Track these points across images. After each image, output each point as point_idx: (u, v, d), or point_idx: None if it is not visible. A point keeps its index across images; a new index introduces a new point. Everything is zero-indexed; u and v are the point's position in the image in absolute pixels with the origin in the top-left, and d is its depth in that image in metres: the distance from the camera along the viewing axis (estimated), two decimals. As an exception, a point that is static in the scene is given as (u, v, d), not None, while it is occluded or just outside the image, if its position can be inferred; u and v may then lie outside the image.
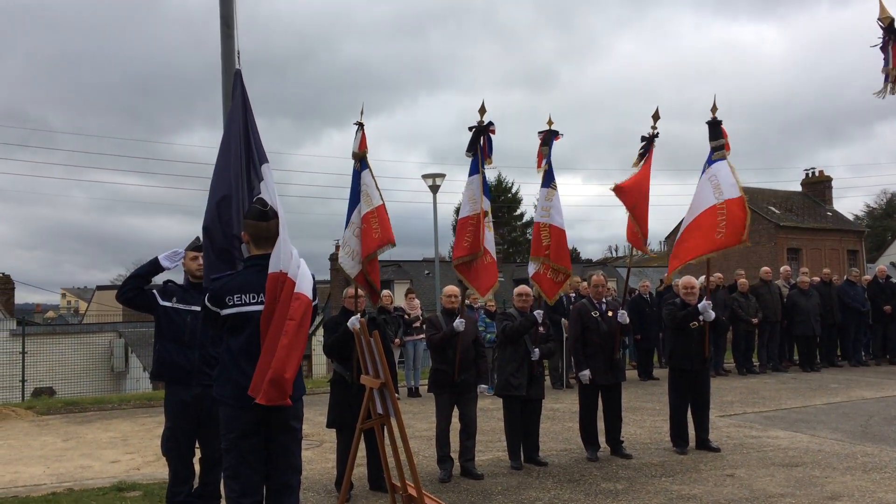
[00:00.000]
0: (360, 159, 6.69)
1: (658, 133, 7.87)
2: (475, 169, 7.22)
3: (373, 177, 6.67)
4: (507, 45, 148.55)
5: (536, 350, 7.33)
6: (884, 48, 3.82)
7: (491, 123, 7.19)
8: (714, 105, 7.51)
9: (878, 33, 3.87)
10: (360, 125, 6.73)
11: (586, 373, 7.59)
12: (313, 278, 4.59)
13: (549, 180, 7.68)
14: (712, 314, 7.58)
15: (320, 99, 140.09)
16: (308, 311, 4.21)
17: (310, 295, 4.24)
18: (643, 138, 7.88)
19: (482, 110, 7.15)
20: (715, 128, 7.54)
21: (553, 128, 7.66)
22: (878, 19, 3.82)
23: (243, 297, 4.22)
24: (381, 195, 6.66)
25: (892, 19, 3.79)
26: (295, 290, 4.17)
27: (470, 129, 7.21)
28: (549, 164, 7.70)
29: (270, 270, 4.17)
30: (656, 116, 7.82)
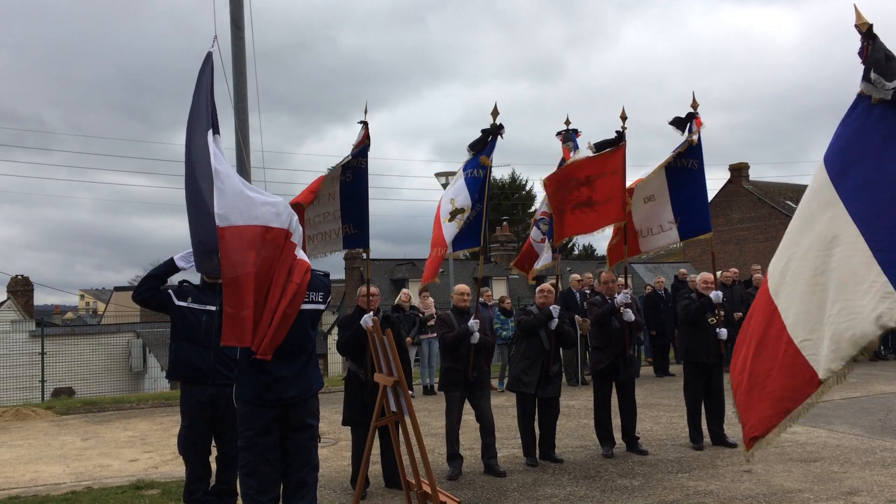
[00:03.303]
0: (355, 154, 6.71)
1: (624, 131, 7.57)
2: (474, 164, 7.24)
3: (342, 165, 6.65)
4: (509, 33, 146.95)
5: (556, 320, 7.25)
6: (862, 54, 3.74)
7: (501, 126, 7.22)
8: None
9: (858, 39, 3.78)
10: (365, 124, 6.74)
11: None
12: (327, 276, 4.62)
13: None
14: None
15: (320, 92, 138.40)
16: (306, 280, 4.20)
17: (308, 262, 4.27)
18: (617, 133, 7.57)
19: (495, 112, 7.16)
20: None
21: (571, 127, 7.68)
22: (856, 25, 3.73)
23: None
24: (332, 178, 6.60)
25: (871, 25, 3.71)
26: (298, 257, 4.20)
27: (483, 131, 7.23)
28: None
29: (272, 224, 4.13)
30: (624, 116, 7.57)
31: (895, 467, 6.66)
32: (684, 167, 7.64)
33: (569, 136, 7.73)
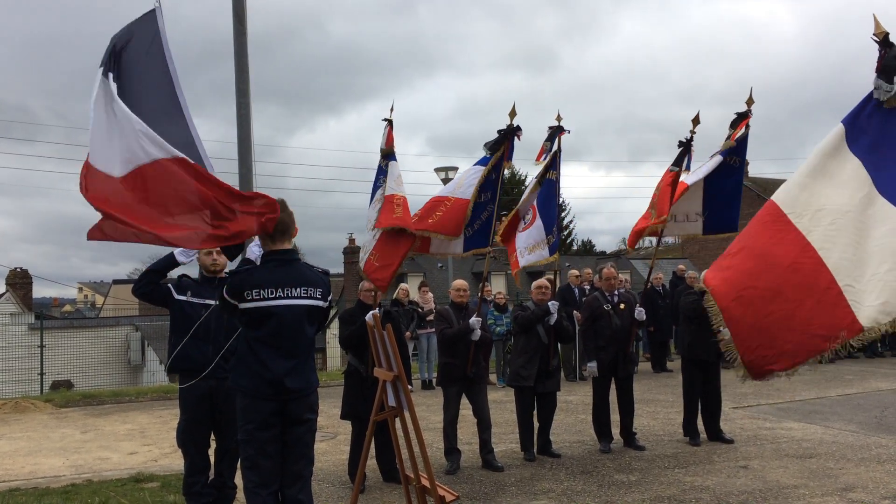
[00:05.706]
0: (387, 155, 6.74)
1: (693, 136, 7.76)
2: (485, 162, 7.20)
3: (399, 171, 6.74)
4: (503, 22, 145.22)
5: (554, 315, 7.25)
6: (879, 63, 3.74)
7: (518, 127, 7.19)
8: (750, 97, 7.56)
9: (875, 48, 3.77)
10: (389, 122, 6.74)
11: (592, 365, 7.58)
12: (327, 274, 4.63)
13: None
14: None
15: (310, 82, 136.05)
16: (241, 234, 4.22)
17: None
18: (680, 143, 7.75)
19: (512, 113, 7.15)
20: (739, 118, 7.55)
21: (562, 123, 7.64)
22: (873, 34, 3.72)
23: (262, 292, 4.25)
24: (403, 190, 6.69)
25: (887, 34, 3.71)
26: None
27: (499, 132, 7.21)
28: (552, 154, 7.73)
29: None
30: (696, 121, 7.73)
31: (890, 464, 6.70)
32: (727, 162, 7.66)
33: (554, 134, 7.66)
